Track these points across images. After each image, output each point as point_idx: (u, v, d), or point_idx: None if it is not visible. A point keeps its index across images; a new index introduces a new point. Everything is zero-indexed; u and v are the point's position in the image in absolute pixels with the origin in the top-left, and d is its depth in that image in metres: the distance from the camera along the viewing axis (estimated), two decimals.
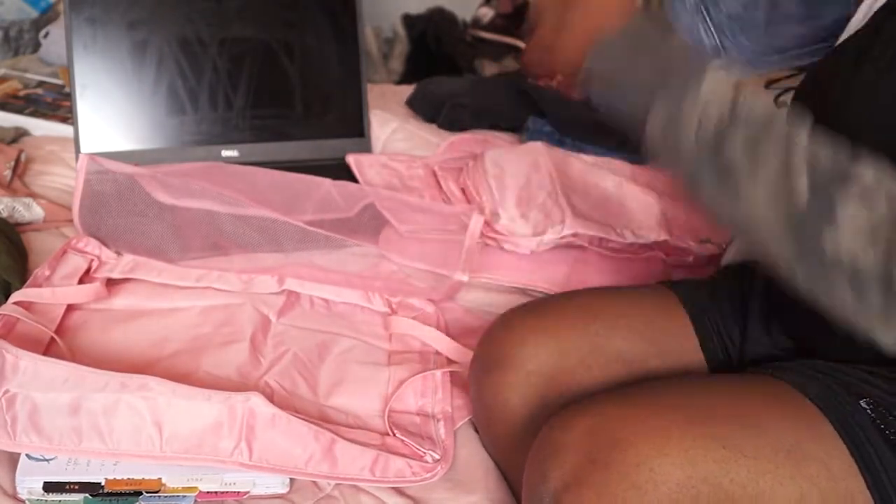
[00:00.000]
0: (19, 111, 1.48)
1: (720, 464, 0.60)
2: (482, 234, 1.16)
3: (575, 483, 0.61)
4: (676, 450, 0.60)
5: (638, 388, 0.71)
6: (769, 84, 1.41)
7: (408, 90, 1.66)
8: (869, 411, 0.62)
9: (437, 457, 0.84)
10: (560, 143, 1.42)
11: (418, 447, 0.85)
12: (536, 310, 0.86)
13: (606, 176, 1.29)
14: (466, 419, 0.92)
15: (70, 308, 0.99)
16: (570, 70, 0.73)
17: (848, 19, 0.74)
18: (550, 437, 0.66)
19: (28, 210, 1.17)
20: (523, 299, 1.07)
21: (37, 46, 1.78)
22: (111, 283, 1.05)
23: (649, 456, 0.60)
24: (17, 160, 1.29)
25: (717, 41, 0.85)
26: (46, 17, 1.88)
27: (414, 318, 1.05)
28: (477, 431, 0.91)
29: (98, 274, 1.05)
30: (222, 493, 0.81)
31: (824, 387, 0.64)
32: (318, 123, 1.41)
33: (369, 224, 1.19)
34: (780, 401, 0.64)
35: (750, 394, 0.66)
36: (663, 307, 0.84)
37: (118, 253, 1.10)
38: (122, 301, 1.03)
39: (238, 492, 0.81)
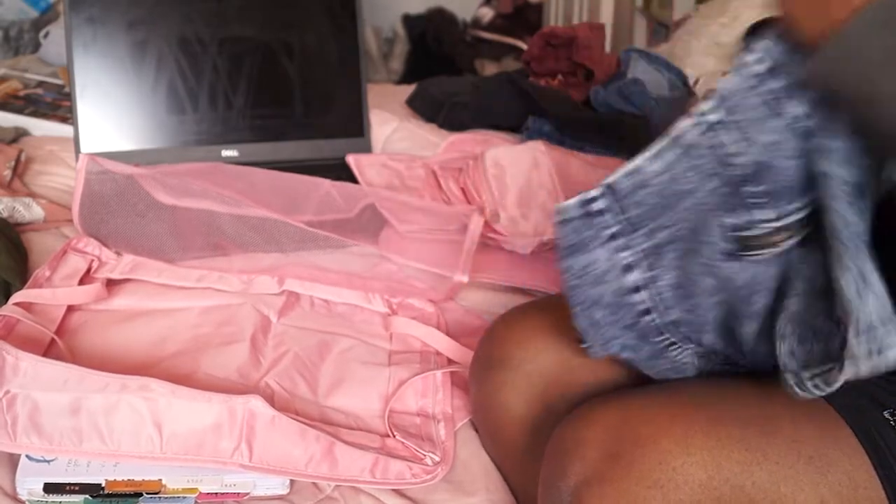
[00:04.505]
0: (19, 111, 1.48)
1: (742, 466, 0.59)
2: (482, 234, 1.16)
3: (596, 479, 0.60)
4: (700, 450, 0.59)
5: (659, 386, 0.70)
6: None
7: (408, 90, 1.66)
8: (892, 422, 0.62)
9: (438, 459, 0.84)
10: (560, 143, 1.42)
11: (418, 449, 0.85)
12: (537, 309, 0.86)
13: (607, 175, 1.29)
14: (466, 420, 0.92)
15: (70, 309, 0.99)
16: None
17: None
18: (571, 431, 0.65)
19: (28, 210, 1.17)
20: (523, 299, 1.07)
21: (37, 46, 1.78)
22: (111, 284, 1.05)
23: (673, 455, 0.59)
24: (17, 160, 1.29)
25: None
26: (46, 17, 1.89)
27: (414, 318, 1.05)
28: (477, 432, 0.91)
29: (98, 274, 1.05)
30: (222, 494, 0.80)
31: (847, 395, 0.63)
32: (317, 123, 1.41)
33: (369, 224, 1.19)
34: (802, 406, 0.63)
35: (772, 397, 0.65)
36: None
37: (118, 253, 1.10)
38: (122, 301, 1.03)
39: (238, 493, 0.81)
